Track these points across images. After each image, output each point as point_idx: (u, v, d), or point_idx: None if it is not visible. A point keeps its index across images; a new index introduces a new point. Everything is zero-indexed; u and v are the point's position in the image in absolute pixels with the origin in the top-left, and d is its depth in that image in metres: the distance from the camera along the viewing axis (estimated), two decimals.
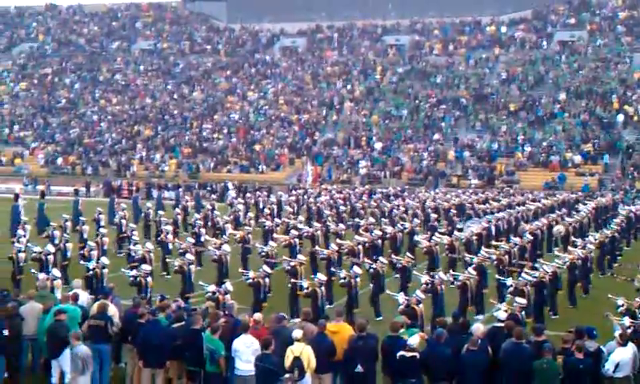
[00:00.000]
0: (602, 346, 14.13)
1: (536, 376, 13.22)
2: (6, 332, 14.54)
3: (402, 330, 14.44)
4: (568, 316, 21.97)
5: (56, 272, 20.64)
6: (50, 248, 25.26)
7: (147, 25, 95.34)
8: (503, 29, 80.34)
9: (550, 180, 56.38)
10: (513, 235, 31.34)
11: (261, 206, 42.69)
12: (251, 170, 63.84)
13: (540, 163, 58.98)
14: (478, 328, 14.37)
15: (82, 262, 25.39)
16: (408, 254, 26.59)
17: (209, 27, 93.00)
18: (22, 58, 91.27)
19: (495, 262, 24.51)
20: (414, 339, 13.64)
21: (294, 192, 50.55)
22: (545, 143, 60.89)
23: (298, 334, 13.78)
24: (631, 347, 14.02)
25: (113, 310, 16.13)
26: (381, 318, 21.38)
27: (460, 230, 32.39)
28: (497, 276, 23.60)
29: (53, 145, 71.79)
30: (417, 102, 70.06)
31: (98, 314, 15.66)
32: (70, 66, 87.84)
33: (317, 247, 28.43)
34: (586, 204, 42.66)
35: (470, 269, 22.55)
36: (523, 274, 21.32)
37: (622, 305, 17.57)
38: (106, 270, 22.38)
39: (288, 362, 13.31)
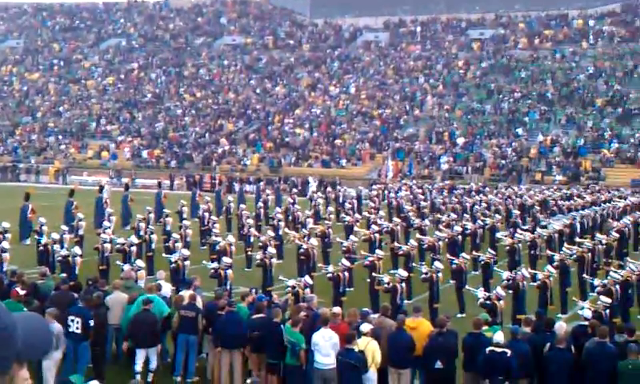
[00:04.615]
0: None
1: (620, 377, 12.90)
2: (91, 322, 14.85)
3: (484, 328, 14.28)
4: None
5: (140, 263, 21.00)
6: (134, 239, 25.69)
7: (231, 20, 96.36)
8: (591, 22, 78.68)
9: (637, 177, 54.97)
10: (598, 233, 30.67)
11: (341, 201, 42.75)
12: (332, 164, 63.95)
13: (627, 160, 57.60)
14: (561, 327, 14.17)
15: (164, 254, 25.85)
16: (489, 250, 26.25)
17: (292, 22, 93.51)
18: (110, 54, 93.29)
19: (576, 260, 24.09)
20: (500, 335, 13.46)
21: (374, 187, 50.40)
22: (632, 139, 59.43)
23: (366, 328, 13.79)
24: None
25: (199, 302, 16.41)
26: (464, 315, 21.15)
27: (544, 227, 31.83)
28: (584, 275, 23.18)
29: (138, 138, 73.17)
30: (500, 96, 69.19)
31: (189, 305, 15.95)
32: (156, 61, 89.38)
33: (396, 243, 28.31)
34: None
35: (550, 267, 22.12)
36: (611, 273, 20.79)
37: None
38: (187, 262, 22.66)
39: None
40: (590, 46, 74.72)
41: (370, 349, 13.48)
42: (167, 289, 17.94)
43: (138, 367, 15.60)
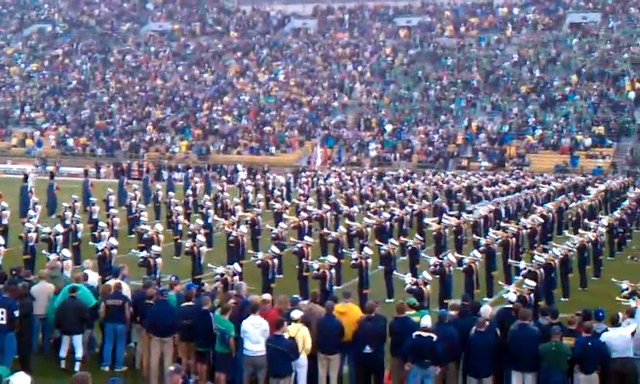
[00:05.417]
0: (609, 328, 14.01)
1: (544, 358, 13.25)
2: (16, 312, 14.62)
3: (411, 312, 14.47)
4: (579, 298, 21.94)
5: (66, 252, 20.69)
6: (59, 228, 25.29)
7: (158, 6, 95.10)
8: (515, 10, 79.89)
9: (560, 163, 56.21)
10: (523, 217, 31.26)
11: (270, 188, 42.72)
12: (261, 151, 63.84)
13: (551, 146, 58.81)
14: (487, 310, 14.44)
15: (91, 242, 25.53)
16: (417, 235, 26.54)
17: (220, 8, 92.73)
18: (33, 39, 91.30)
19: (501, 244, 24.55)
20: (427, 320, 13.66)
21: (304, 174, 50.46)
22: (556, 126, 60.68)
23: (296, 314, 13.88)
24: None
25: (127, 290, 16.25)
26: (392, 300, 21.35)
27: (470, 213, 32.32)
28: (509, 259, 23.63)
29: (64, 126, 71.89)
30: (427, 83, 69.88)
31: (115, 294, 15.82)
32: (81, 47, 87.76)
33: (325, 229, 28.45)
34: (597, 187, 42.49)
35: (475, 251, 22.51)
36: (536, 257, 21.27)
37: (627, 288, 17.61)
38: (114, 251, 22.43)
39: None
40: (515, 33, 75.88)
41: (301, 335, 13.58)
42: (94, 278, 17.73)
43: (63, 353, 15.64)
